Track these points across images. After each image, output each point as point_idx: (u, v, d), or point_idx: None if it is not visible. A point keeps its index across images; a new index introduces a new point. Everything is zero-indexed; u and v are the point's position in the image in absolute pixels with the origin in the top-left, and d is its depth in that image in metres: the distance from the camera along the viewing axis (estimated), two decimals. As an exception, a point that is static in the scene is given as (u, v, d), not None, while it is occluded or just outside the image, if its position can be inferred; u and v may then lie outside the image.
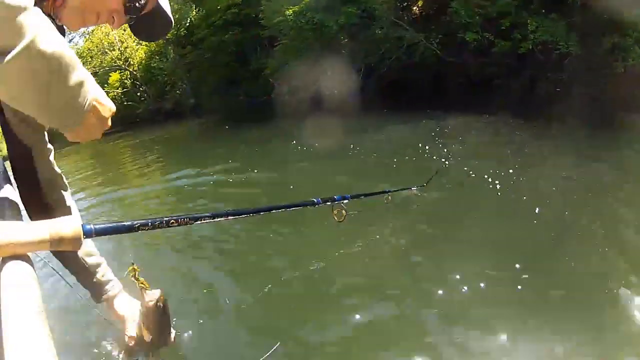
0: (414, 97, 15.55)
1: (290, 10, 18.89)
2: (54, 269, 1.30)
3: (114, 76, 40.13)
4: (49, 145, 1.52)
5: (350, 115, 13.74)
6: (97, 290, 1.66)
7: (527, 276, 3.97)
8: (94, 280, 1.65)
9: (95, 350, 3.27)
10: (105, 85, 41.05)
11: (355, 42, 18.36)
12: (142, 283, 1.44)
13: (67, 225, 1.06)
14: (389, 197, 2.19)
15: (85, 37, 42.28)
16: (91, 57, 40.51)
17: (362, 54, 18.44)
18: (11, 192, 1.42)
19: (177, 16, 32.86)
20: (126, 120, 37.26)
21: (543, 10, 12.05)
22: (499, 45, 13.20)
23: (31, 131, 1.44)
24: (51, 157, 1.53)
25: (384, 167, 7.89)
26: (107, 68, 40.13)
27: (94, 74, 41.98)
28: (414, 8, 18.05)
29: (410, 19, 17.20)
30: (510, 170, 6.41)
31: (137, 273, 1.40)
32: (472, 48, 14.10)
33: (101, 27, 37.80)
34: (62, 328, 3.68)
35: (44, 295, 0.91)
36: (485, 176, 6.15)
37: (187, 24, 33.05)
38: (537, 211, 4.95)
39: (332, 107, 15.64)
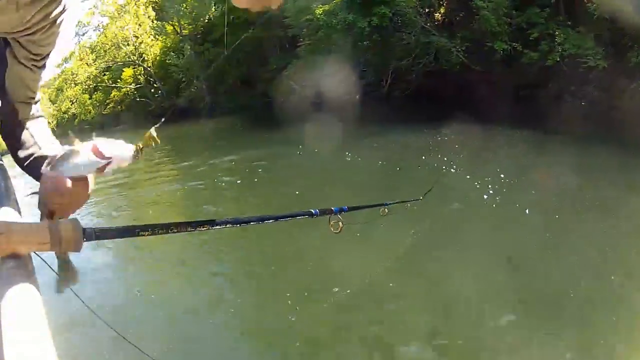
0: (437, 105, 15.59)
1: (320, 10, 18.82)
2: (53, 270, 1.26)
3: (127, 71, 40.82)
4: (40, 113, 1.55)
5: (371, 122, 13.85)
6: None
7: (523, 282, 4.23)
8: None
9: (95, 350, 3.43)
10: (119, 80, 41.75)
11: (384, 46, 18.27)
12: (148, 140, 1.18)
13: (67, 228, 1.07)
14: (386, 210, 2.31)
15: (98, 31, 42.75)
16: (105, 51, 41.05)
17: (392, 58, 18.44)
18: (11, 190, 1.45)
19: (195, 13, 33.27)
20: (138, 116, 37.75)
21: (569, 22, 12.06)
22: (528, 56, 13.23)
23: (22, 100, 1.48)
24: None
25: (391, 175, 8.07)
26: (120, 63, 40.67)
27: (107, 68, 42.90)
28: (437, 15, 18.02)
29: (434, 25, 17.14)
30: (509, 181, 6.63)
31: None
32: (498, 57, 14.12)
33: (115, 21, 38.51)
34: (61, 328, 3.85)
35: (43, 295, 0.92)
36: (488, 189, 6.36)
37: (206, 21, 33.31)
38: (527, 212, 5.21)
39: (355, 113, 15.71)
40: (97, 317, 1.52)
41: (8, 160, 1.56)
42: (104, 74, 43.80)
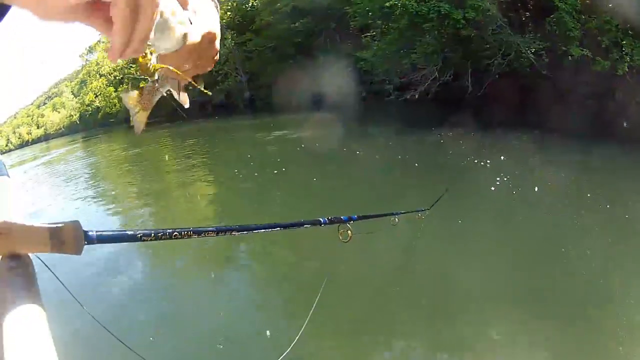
0: (506, 109, 15.87)
1: (406, -5, 19.47)
2: (52, 272, 1.37)
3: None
4: None
5: (457, 127, 14.44)
6: None
7: (528, 293, 4.55)
8: None
9: (95, 354, 3.87)
10: (148, 71, 42.83)
11: (470, 42, 18.84)
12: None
13: (68, 230, 1.13)
14: (396, 219, 2.70)
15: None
16: (133, 39, 42.10)
17: (473, 55, 19.15)
18: (12, 189, 1.54)
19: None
20: (169, 111, 38.57)
21: (631, 32, 12.13)
22: (600, 64, 13.22)
23: None
24: None
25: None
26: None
27: (135, 59, 43.86)
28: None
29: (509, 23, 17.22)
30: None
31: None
32: (567, 63, 14.19)
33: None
34: (60, 328, 4.33)
35: (43, 296, 0.99)
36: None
37: (249, 9, 33.55)
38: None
39: (435, 116, 15.71)
40: (96, 319, 1.63)
41: (8, 159, 1.82)
42: (131, 66, 44.86)
